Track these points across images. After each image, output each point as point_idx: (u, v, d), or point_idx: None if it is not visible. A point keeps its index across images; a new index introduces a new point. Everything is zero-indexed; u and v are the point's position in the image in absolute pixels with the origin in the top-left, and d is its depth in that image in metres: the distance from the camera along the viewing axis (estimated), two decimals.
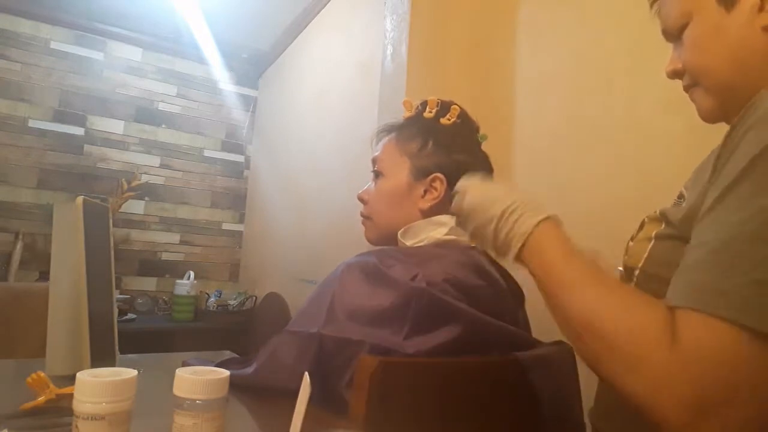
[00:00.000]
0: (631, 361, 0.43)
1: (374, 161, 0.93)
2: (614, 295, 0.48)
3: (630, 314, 0.45)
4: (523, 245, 0.56)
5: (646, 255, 0.58)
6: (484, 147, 0.94)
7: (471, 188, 0.66)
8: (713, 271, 0.41)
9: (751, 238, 0.40)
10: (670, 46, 0.64)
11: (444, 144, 0.88)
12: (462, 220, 0.66)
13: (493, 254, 0.63)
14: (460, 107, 0.91)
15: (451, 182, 0.86)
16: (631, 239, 0.66)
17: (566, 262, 0.53)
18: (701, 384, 0.39)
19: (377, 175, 0.92)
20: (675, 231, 0.55)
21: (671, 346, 0.41)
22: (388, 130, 0.94)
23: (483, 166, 0.92)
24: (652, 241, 0.58)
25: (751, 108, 0.46)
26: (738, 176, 0.43)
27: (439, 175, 0.86)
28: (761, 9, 0.52)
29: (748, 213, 0.41)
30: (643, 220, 0.64)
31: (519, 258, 0.58)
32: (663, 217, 0.59)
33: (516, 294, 0.86)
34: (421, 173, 0.87)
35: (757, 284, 0.39)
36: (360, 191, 0.95)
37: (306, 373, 0.46)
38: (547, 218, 0.57)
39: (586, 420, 0.74)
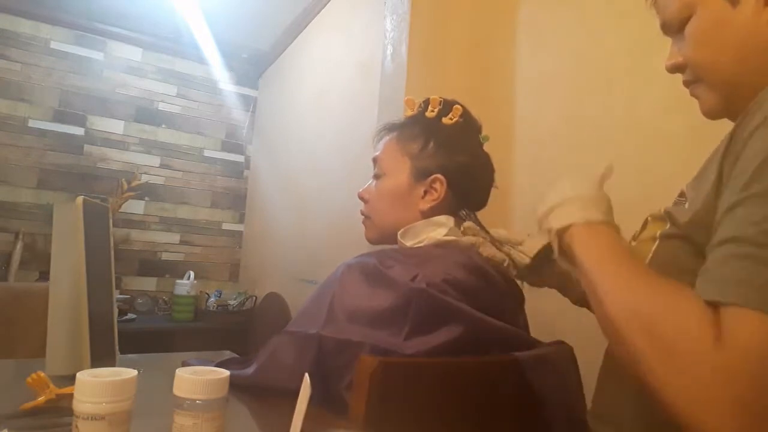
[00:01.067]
0: (680, 362, 0.40)
1: (375, 161, 0.92)
2: (653, 286, 0.46)
3: (677, 309, 0.43)
4: (568, 227, 0.57)
5: (650, 255, 0.58)
6: (485, 147, 0.94)
7: (554, 187, 0.65)
8: (748, 267, 0.40)
9: None
10: (670, 45, 0.63)
11: (445, 145, 0.87)
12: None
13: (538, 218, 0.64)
14: (463, 107, 0.90)
15: (452, 183, 0.86)
16: (634, 239, 0.65)
17: (613, 255, 0.53)
18: (749, 385, 0.37)
19: (378, 174, 0.91)
20: (680, 231, 0.55)
21: (718, 345, 0.39)
22: (390, 129, 0.93)
23: (484, 167, 0.92)
24: (657, 241, 0.58)
25: (757, 104, 0.45)
26: (754, 174, 0.42)
27: (439, 176, 0.86)
28: (767, 3, 0.51)
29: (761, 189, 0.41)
30: (646, 219, 0.64)
31: (560, 236, 0.58)
32: (668, 216, 0.58)
33: (516, 295, 0.86)
34: (421, 174, 0.87)
35: None
36: (360, 189, 0.95)
37: (306, 374, 0.46)
38: (607, 222, 0.58)
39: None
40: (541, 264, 0.78)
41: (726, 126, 0.56)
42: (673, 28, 0.59)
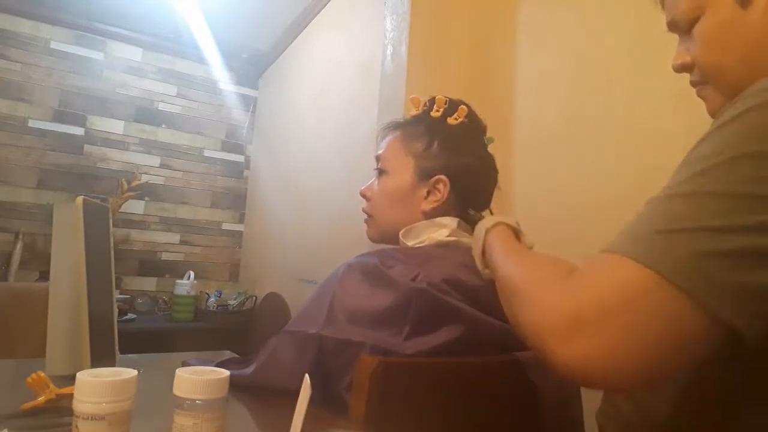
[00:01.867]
0: (529, 299, 0.48)
1: (378, 159, 0.92)
2: (534, 260, 0.57)
3: (539, 267, 0.52)
4: (483, 247, 0.72)
5: None
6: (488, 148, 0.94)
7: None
8: (641, 221, 0.43)
9: (681, 195, 0.42)
10: (670, 45, 0.62)
11: (449, 145, 0.87)
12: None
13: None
14: (469, 107, 0.90)
15: (455, 184, 0.86)
16: None
17: (503, 248, 0.66)
18: (580, 303, 0.41)
19: (381, 172, 0.91)
20: None
21: (564, 278, 0.45)
22: (394, 127, 0.93)
23: (488, 169, 0.92)
24: None
25: (731, 104, 0.46)
26: (701, 140, 0.45)
27: (442, 177, 0.85)
28: None
29: (683, 177, 0.43)
30: None
31: (485, 266, 0.72)
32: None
33: None
34: (425, 174, 0.86)
35: (667, 232, 0.41)
36: (363, 187, 0.95)
37: (306, 375, 0.46)
38: (495, 224, 0.73)
39: (587, 419, 0.74)
40: None
41: None
42: (682, 27, 0.58)
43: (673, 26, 0.60)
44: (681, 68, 0.60)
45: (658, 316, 0.39)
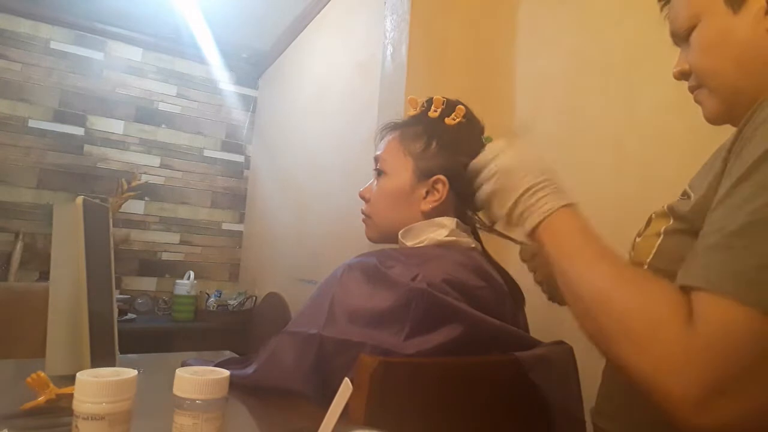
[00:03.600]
0: (643, 341, 0.43)
1: (377, 159, 0.92)
2: (627, 274, 0.49)
3: (642, 292, 0.45)
4: (540, 222, 0.58)
5: (654, 251, 0.58)
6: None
7: (508, 150, 0.66)
8: (727, 254, 0.42)
9: (764, 224, 0.41)
10: (670, 45, 0.64)
11: (448, 145, 0.87)
12: (485, 177, 0.67)
13: (501, 221, 0.65)
14: (466, 107, 0.90)
15: (454, 184, 0.86)
16: (638, 235, 0.66)
17: (584, 241, 0.55)
18: (719, 363, 0.39)
19: (379, 173, 0.91)
20: (684, 225, 0.55)
21: (686, 326, 0.41)
22: (392, 128, 0.93)
23: None
24: (661, 237, 0.58)
25: (765, 102, 0.46)
26: (752, 166, 0.43)
27: (441, 177, 0.85)
28: (767, 13, 0.52)
29: (763, 200, 0.41)
30: (650, 216, 0.65)
31: (533, 234, 0.60)
32: (671, 212, 0.59)
33: (516, 295, 0.86)
34: (423, 174, 0.86)
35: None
36: (362, 188, 0.95)
37: (347, 378, 0.46)
38: (571, 204, 0.60)
39: (587, 419, 0.74)
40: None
41: (727, 127, 0.57)
42: (681, 36, 0.60)
43: (674, 37, 0.62)
44: (680, 75, 0.62)
45: None
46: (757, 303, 0.39)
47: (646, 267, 0.59)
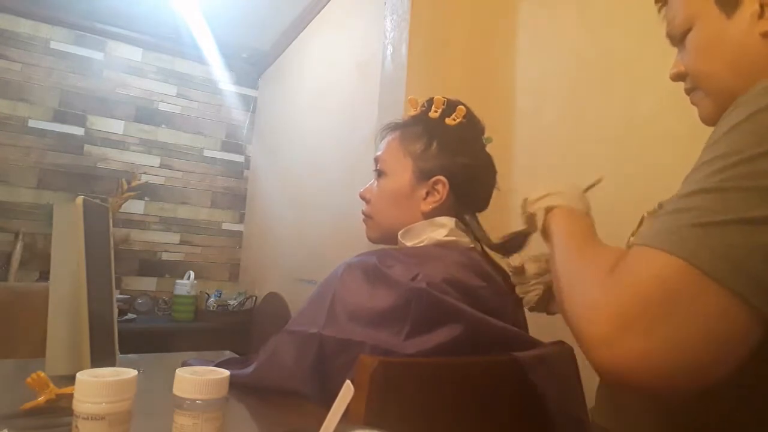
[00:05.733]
0: (574, 292, 0.48)
1: (377, 160, 0.92)
2: (587, 248, 0.54)
3: (589, 261, 0.51)
4: (551, 212, 0.66)
5: None
6: (486, 148, 0.94)
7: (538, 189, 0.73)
8: (669, 217, 0.44)
9: (707, 190, 0.42)
10: (670, 46, 0.64)
11: (448, 146, 0.87)
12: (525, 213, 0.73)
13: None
14: (467, 107, 0.90)
15: (454, 185, 0.86)
16: (632, 235, 0.67)
17: (571, 232, 0.61)
18: (626, 300, 0.41)
19: (380, 174, 0.91)
20: None
21: (608, 273, 0.45)
22: (392, 128, 0.93)
23: (487, 169, 0.92)
24: None
25: (740, 99, 0.47)
26: (713, 142, 0.45)
27: (441, 178, 0.85)
28: (761, 16, 0.53)
29: (711, 170, 0.43)
30: (642, 216, 0.65)
31: (544, 233, 0.67)
32: (660, 209, 0.59)
33: (515, 295, 0.85)
34: (424, 175, 0.86)
35: (701, 225, 0.41)
36: (362, 189, 0.95)
37: (348, 381, 0.46)
38: (559, 205, 0.67)
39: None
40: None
41: None
42: (677, 39, 0.61)
43: (671, 38, 0.63)
44: (676, 77, 0.64)
45: (703, 313, 0.39)
46: (679, 252, 0.40)
47: None
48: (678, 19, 0.60)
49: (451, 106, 0.89)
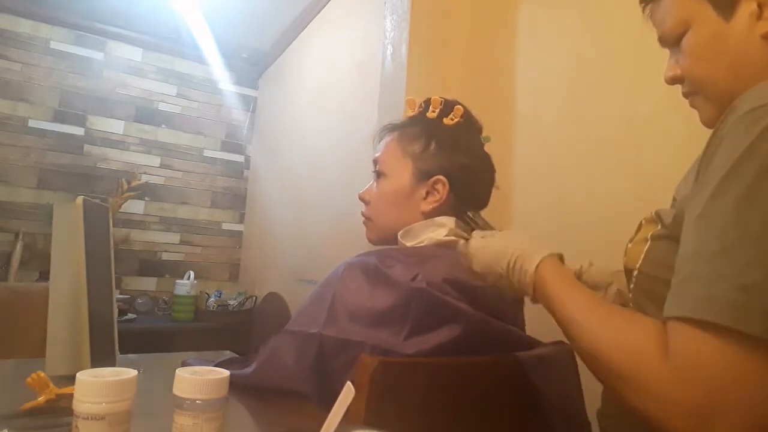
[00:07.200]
0: (633, 383, 0.44)
1: (376, 161, 0.92)
2: (609, 324, 0.50)
3: (626, 338, 0.47)
4: (534, 289, 0.60)
5: (643, 256, 0.58)
6: (485, 147, 0.94)
7: (474, 252, 0.69)
8: (701, 280, 0.42)
9: (734, 245, 0.41)
10: (668, 56, 0.64)
11: (446, 145, 0.87)
12: (478, 276, 0.70)
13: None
14: (464, 107, 0.90)
15: (453, 184, 0.86)
16: (630, 241, 0.66)
17: (566, 297, 0.55)
18: (697, 392, 0.40)
19: (379, 175, 0.91)
20: (668, 231, 0.56)
21: (663, 359, 0.42)
22: (391, 129, 0.93)
23: (486, 168, 0.92)
24: (648, 242, 0.58)
25: (731, 112, 0.46)
26: (719, 184, 0.44)
27: (441, 177, 0.85)
28: (760, 17, 0.52)
29: (731, 220, 0.42)
30: (641, 222, 0.65)
31: (536, 301, 0.62)
32: (658, 218, 0.59)
33: (515, 295, 0.85)
34: (423, 175, 0.86)
35: (743, 289, 0.39)
36: (361, 191, 0.95)
37: (349, 382, 0.46)
38: (542, 259, 0.60)
39: (591, 419, 0.74)
40: None
41: None
42: (670, 42, 0.60)
43: (662, 41, 0.62)
44: (672, 81, 0.62)
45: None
46: (726, 324, 0.39)
47: (636, 272, 0.59)
48: (670, 21, 0.59)
49: (448, 106, 0.89)
